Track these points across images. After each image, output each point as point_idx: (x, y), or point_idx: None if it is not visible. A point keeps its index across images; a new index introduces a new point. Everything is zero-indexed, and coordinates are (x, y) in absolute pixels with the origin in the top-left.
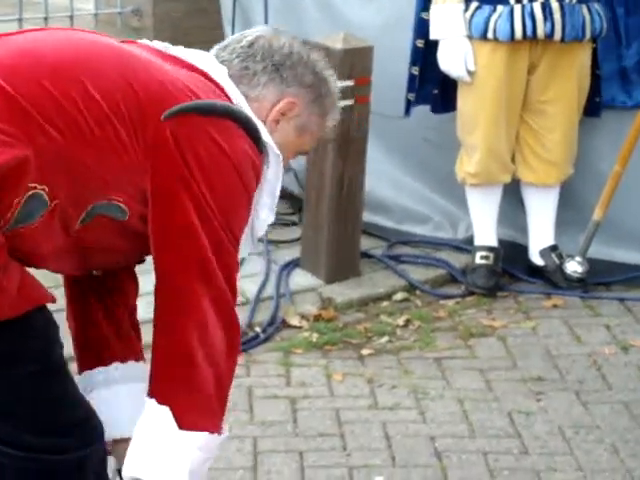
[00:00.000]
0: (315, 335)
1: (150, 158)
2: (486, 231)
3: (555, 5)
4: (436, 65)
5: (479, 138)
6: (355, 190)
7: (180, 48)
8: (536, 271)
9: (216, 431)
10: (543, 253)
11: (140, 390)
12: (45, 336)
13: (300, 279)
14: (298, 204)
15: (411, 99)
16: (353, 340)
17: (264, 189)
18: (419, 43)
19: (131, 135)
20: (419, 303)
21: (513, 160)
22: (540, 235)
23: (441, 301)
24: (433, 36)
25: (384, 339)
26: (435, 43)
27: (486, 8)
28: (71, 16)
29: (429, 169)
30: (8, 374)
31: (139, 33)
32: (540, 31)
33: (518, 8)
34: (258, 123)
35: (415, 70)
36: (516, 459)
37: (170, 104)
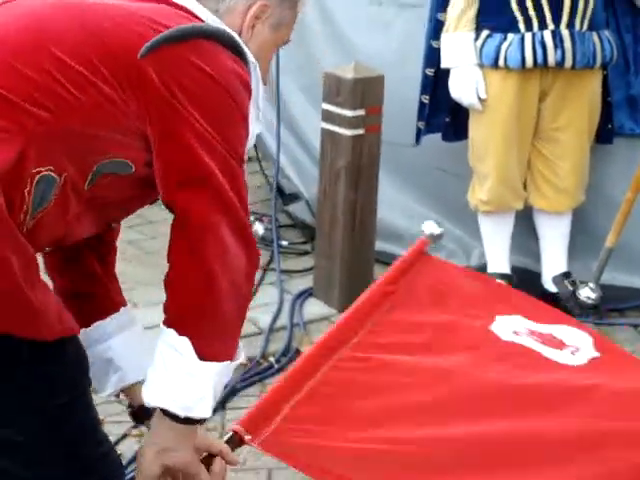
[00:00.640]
0: None
1: (142, 102)
2: (499, 258)
3: (565, 33)
4: (447, 93)
5: (491, 165)
6: (367, 219)
7: None
8: (549, 298)
9: (234, 357)
10: (556, 280)
11: (138, 332)
12: (78, 366)
13: (314, 308)
14: (311, 233)
15: (421, 127)
16: None
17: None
18: (429, 72)
19: (115, 87)
20: None
21: (525, 187)
22: (553, 262)
23: None
24: (444, 64)
25: None
26: (445, 71)
27: (497, 36)
28: None
29: (441, 197)
30: (38, 404)
31: None
32: (551, 59)
33: (529, 36)
34: (234, 35)
35: (425, 98)
36: None
37: (141, 43)
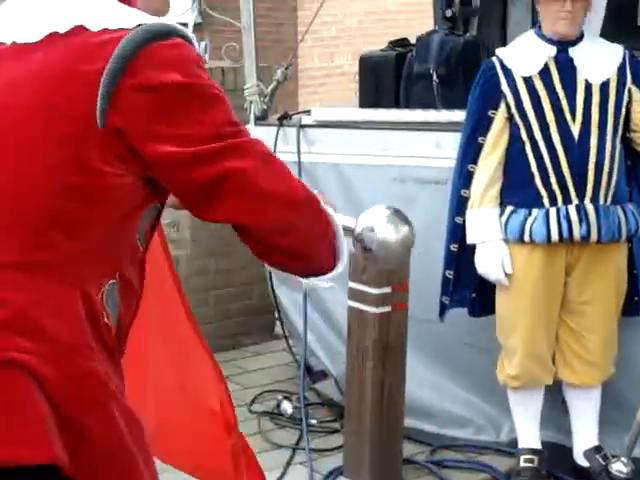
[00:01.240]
0: None
1: (136, 159)
2: (529, 433)
3: (590, 207)
4: (471, 268)
5: (519, 341)
6: (396, 396)
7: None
8: (582, 473)
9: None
10: (587, 454)
11: None
12: None
13: None
14: (339, 411)
15: (446, 302)
16: None
17: None
18: (453, 247)
19: (111, 164)
20: None
21: (553, 360)
22: (584, 436)
23: None
24: (470, 240)
25: None
26: (469, 247)
27: (521, 212)
28: None
29: (470, 372)
30: None
31: (176, 244)
32: (576, 233)
33: (553, 211)
34: (169, 24)
35: (449, 274)
36: None
37: (91, 99)
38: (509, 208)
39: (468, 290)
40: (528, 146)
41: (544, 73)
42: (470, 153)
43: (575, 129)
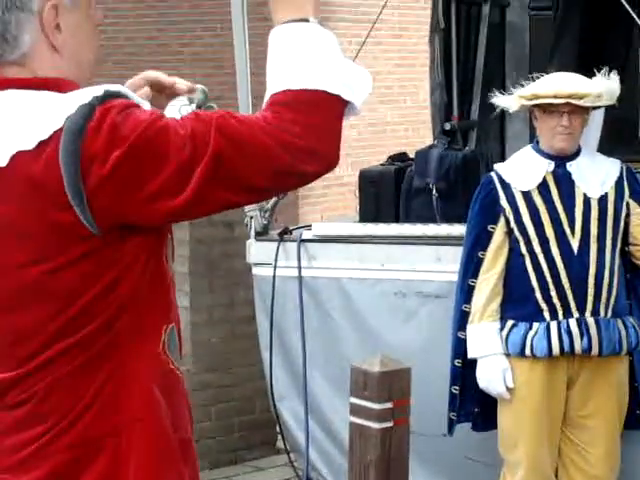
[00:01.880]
0: None
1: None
2: None
3: (591, 321)
4: (475, 383)
5: (521, 455)
6: None
7: None
8: None
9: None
10: None
11: None
12: None
13: None
14: None
15: (453, 418)
16: None
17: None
18: (457, 362)
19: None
20: None
21: (556, 474)
22: None
23: None
24: (471, 355)
25: None
26: (472, 362)
27: (522, 326)
28: None
29: None
30: None
31: None
32: (577, 346)
33: (554, 325)
34: (96, 89)
35: (455, 389)
36: None
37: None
38: (510, 322)
39: (472, 404)
40: (528, 260)
41: (543, 188)
42: (471, 268)
43: (574, 243)
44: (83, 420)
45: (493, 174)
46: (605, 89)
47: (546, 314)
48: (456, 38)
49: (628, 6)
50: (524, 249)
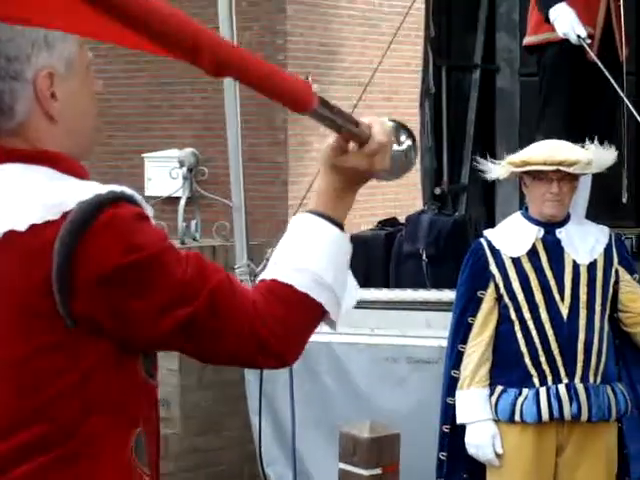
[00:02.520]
0: None
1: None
2: None
3: (580, 387)
4: (464, 450)
5: None
6: None
7: None
8: None
9: None
10: None
11: None
12: None
13: None
14: None
15: None
16: None
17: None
18: (445, 428)
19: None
20: None
21: None
22: None
23: None
24: (460, 420)
25: None
26: (461, 428)
27: (511, 392)
28: None
29: None
30: None
31: (167, 423)
32: (567, 412)
33: (543, 391)
34: (103, 192)
35: (443, 455)
36: None
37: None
38: (499, 388)
39: (460, 471)
40: (517, 326)
41: (532, 254)
42: (460, 333)
43: (564, 309)
44: None
45: (483, 240)
46: (596, 157)
47: (535, 380)
48: (446, 103)
49: (610, 77)
50: (514, 315)
